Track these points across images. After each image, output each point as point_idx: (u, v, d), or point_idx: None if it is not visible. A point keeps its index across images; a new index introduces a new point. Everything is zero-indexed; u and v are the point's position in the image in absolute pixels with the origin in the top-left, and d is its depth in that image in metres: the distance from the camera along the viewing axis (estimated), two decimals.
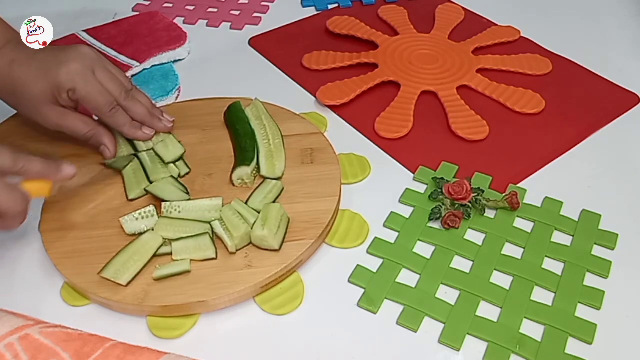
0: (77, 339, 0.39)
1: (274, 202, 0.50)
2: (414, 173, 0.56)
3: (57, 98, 0.51)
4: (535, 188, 0.54)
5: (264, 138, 0.56)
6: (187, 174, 0.54)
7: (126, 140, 0.56)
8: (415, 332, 0.44)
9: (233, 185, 0.53)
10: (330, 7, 0.83)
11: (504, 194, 0.53)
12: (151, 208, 0.49)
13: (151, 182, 0.51)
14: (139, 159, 0.53)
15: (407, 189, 0.54)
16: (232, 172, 0.53)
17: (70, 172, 0.47)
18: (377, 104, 0.64)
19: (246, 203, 0.50)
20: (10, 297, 0.46)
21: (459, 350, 0.43)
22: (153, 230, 0.48)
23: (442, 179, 0.54)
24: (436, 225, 0.51)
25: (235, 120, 0.58)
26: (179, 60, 0.72)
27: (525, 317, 0.44)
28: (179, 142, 0.56)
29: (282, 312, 0.45)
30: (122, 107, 0.53)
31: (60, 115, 0.52)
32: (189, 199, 0.51)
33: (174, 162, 0.54)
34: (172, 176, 0.52)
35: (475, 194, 0.52)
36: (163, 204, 0.49)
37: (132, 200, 0.51)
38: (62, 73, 0.50)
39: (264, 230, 0.46)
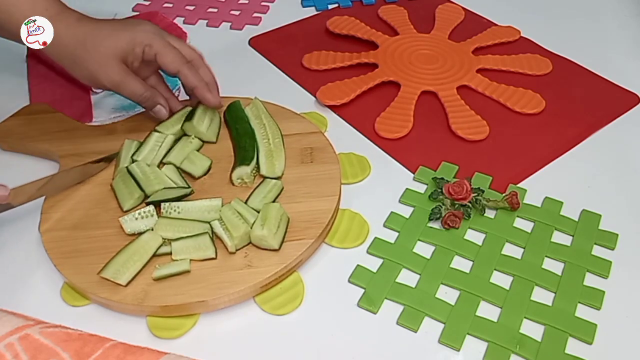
0: (77, 339, 0.39)
1: (273, 201, 0.50)
2: (414, 173, 0.56)
3: (129, 54, 0.53)
4: (535, 188, 0.54)
5: (263, 137, 0.56)
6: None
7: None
8: (415, 332, 0.44)
9: (233, 184, 0.53)
10: (330, 7, 0.83)
11: (504, 194, 0.53)
12: (150, 208, 0.49)
13: (144, 192, 0.51)
14: (129, 171, 0.52)
15: (407, 189, 0.54)
16: (232, 172, 0.53)
17: (2, 193, 0.46)
18: (377, 104, 0.64)
19: (246, 202, 0.50)
20: (10, 297, 0.46)
21: (459, 350, 0.43)
22: (152, 230, 0.48)
23: (442, 179, 0.54)
24: (436, 225, 0.51)
25: (235, 119, 0.58)
26: None
27: (525, 317, 0.44)
28: (204, 154, 0.55)
29: (282, 312, 0.45)
30: (195, 62, 0.56)
31: (124, 73, 0.53)
32: (192, 191, 0.51)
33: (202, 175, 0.54)
34: (165, 188, 0.51)
35: (475, 194, 0.52)
36: (162, 204, 0.49)
37: (127, 211, 0.50)
38: (138, 30, 0.53)
39: (263, 230, 0.46)
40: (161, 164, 0.54)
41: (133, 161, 0.54)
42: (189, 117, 0.57)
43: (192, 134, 0.57)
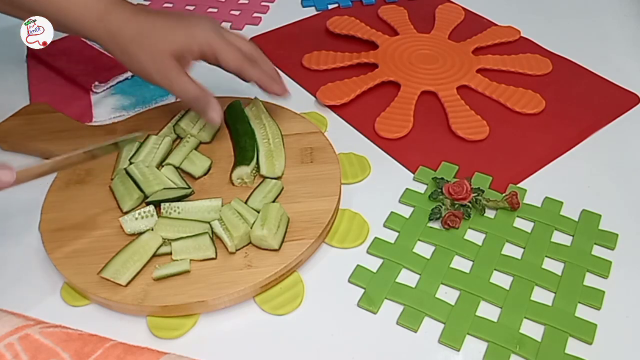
0: (77, 339, 0.39)
1: (273, 201, 0.50)
2: (414, 173, 0.56)
3: (185, 51, 0.51)
4: (535, 188, 0.54)
5: (263, 137, 0.56)
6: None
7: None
8: (415, 332, 0.44)
9: (233, 184, 0.53)
10: (330, 7, 0.83)
11: (504, 194, 0.53)
12: (150, 208, 0.49)
13: (144, 192, 0.51)
14: (127, 172, 0.52)
15: (407, 189, 0.54)
16: (232, 172, 0.53)
17: (6, 179, 0.42)
18: (377, 104, 0.64)
19: (246, 202, 0.50)
20: (10, 297, 0.46)
21: (459, 350, 0.43)
22: (152, 230, 0.48)
23: (442, 179, 0.54)
24: (436, 225, 0.51)
25: (235, 119, 0.58)
26: None
27: (525, 317, 0.44)
28: (203, 154, 0.55)
29: (282, 312, 0.45)
30: (256, 57, 0.55)
31: (177, 70, 0.51)
32: (192, 191, 0.51)
33: (202, 175, 0.54)
34: (165, 188, 0.51)
35: (475, 194, 0.52)
36: (162, 204, 0.49)
37: (126, 212, 0.50)
38: (196, 27, 0.51)
39: (263, 230, 0.46)
40: (160, 165, 0.54)
41: (130, 163, 0.53)
42: (180, 119, 0.58)
43: (184, 136, 0.57)
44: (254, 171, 0.53)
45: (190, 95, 0.52)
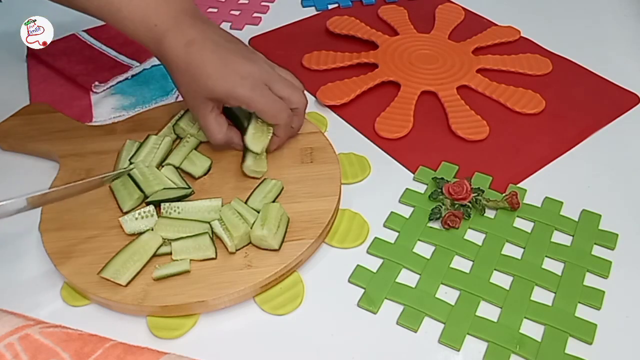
0: (77, 339, 0.39)
1: (273, 201, 0.50)
2: (414, 173, 0.56)
3: (222, 101, 0.52)
4: (535, 188, 0.54)
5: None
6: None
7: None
8: (415, 332, 0.44)
9: (246, 177, 0.52)
10: (330, 7, 0.83)
11: (504, 194, 0.53)
12: (150, 208, 0.49)
13: (144, 193, 0.51)
14: (128, 173, 0.52)
15: (407, 189, 0.54)
16: (242, 164, 0.52)
17: None
18: (377, 104, 0.64)
19: (246, 202, 0.50)
20: (10, 297, 0.46)
21: (459, 350, 0.43)
22: (152, 230, 0.48)
23: (442, 179, 0.54)
24: (436, 225, 0.51)
25: (232, 117, 0.57)
26: None
27: (525, 317, 0.44)
28: (203, 154, 0.55)
29: (282, 312, 0.45)
30: (298, 111, 0.54)
31: (209, 114, 0.52)
32: (192, 192, 0.51)
33: (202, 175, 0.54)
34: (165, 188, 0.51)
35: (475, 194, 0.52)
36: (162, 204, 0.49)
37: (126, 212, 0.50)
38: (242, 83, 0.50)
39: (263, 230, 0.46)
40: (160, 165, 0.54)
41: (130, 163, 0.53)
42: (180, 119, 0.58)
43: (184, 136, 0.57)
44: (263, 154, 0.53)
45: (212, 140, 0.54)
